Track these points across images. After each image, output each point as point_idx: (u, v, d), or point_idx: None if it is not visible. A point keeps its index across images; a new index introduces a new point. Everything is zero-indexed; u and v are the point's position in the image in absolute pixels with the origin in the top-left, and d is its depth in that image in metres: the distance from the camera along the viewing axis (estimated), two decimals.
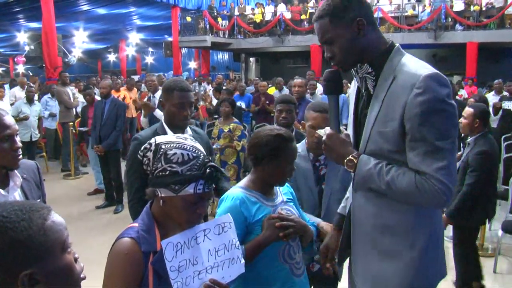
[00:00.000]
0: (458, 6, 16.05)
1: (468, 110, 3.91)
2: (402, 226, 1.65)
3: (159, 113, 5.60)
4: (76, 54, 22.73)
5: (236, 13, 19.27)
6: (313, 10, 18.08)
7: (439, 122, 1.50)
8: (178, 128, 2.56)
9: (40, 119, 8.34)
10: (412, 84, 1.52)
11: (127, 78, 20.04)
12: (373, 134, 1.63)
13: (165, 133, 2.57)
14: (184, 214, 1.39)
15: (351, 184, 1.81)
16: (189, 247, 1.46)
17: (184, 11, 18.92)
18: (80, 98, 8.80)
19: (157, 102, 6.09)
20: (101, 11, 18.48)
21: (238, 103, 7.71)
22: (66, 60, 14.06)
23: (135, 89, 9.77)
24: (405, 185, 1.53)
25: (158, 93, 6.26)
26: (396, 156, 1.59)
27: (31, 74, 24.22)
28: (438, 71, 1.55)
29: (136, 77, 18.32)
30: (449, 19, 15.97)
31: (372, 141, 1.64)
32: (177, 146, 1.39)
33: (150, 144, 1.42)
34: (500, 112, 8.32)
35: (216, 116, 10.36)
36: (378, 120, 1.61)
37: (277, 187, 2.01)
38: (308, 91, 8.29)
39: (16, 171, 1.92)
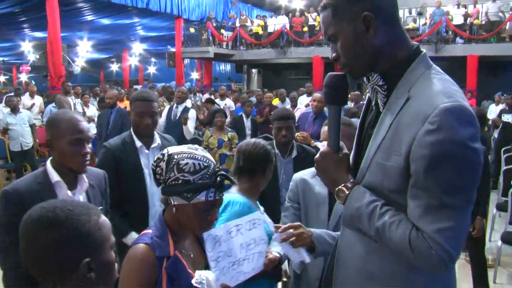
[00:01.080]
0: (458, 19, 16.23)
1: None
2: (393, 279, 1.33)
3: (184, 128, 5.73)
4: (79, 63, 22.93)
5: (238, 24, 19.46)
6: (314, 23, 18.27)
7: (452, 172, 1.17)
8: (143, 136, 2.75)
9: (32, 126, 8.04)
10: (425, 116, 1.19)
11: (129, 88, 20.29)
12: (373, 165, 1.33)
13: (133, 141, 2.74)
14: (196, 220, 1.46)
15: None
16: (225, 241, 1.65)
17: (188, 22, 19.14)
18: (79, 108, 8.91)
19: (178, 113, 6.16)
20: (105, 21, 18.73)
21: (240, 114, 7.82)
22: (70, 69, 14.20)
23: None
24: (397, 239, 1.24)
25: (182, 105, 6.31)
26: (396, 197, 1.29)
27: (33, 82, 24.44)
28: (463, 103, 1.19)
29: (138, 87, 18.50)
30: (450, 32, 16.13)
31: (370, 173, 1.34)
32: (189, 156, 1.46)
33: (163, 155, 1.49)
34: (500, 124, 8.45)
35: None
36: (381, 149, 1.31)
37: None
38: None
39: (84, 176, 2.02)
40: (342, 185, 1.37)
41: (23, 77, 28.16)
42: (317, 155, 1.43)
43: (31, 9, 15.24)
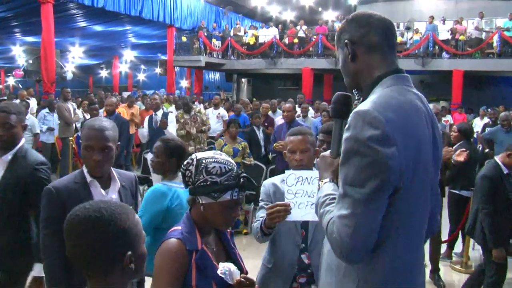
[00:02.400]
0: (444, 35, 16.68)
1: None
2: (338, 269, 1.51)
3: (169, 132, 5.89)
4: (69, 69, 22.92)
5: (231, 34, 19.69)
6: (303, 35, 18.58)
7: (354, 166, 1.35)
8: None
9: (35, 135, 7.96)
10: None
11: (119, 94, 20.31)
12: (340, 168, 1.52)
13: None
14: (222, 217, 1.66)
15: None
16: (310, 183, 2.09)
17: (180, 31, 19.31)
18: (79, 113, 9.00)
19: (158, 120, 6.37)
20: (98, 28, 18.79)
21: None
22: (64, 75, 14.25)
23: (135, 105, 9.99)
24: (324, 225, 1.45)
25: (160, 112, 6.52)
26: None
27: (21, 87, 24.32)
28: (372, 110, 1.36)
29: (127, 93, 18.54)
30: (436, 47, 16.57)
31: (340, 171, 1.51)
32: (216, 160, 1.66)
33: (192, 160, 1.69)
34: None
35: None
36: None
37: None
38: (301, 114, 8.65)
39: (117, 177, 2.22)
40: (321, 181, 1.62)
41: (11, 81, 27.99)
42: (319, 157, 1.71)
43: (24, 14, 15.27)
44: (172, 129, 6.27)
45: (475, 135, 9.34)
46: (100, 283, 1.19)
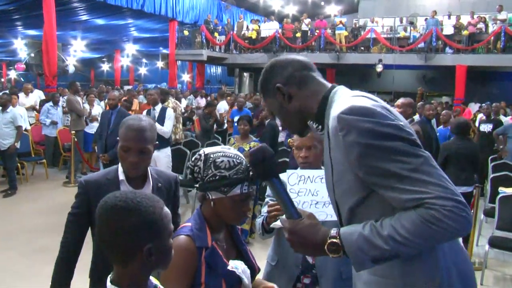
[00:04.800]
0: (448, 29, 16.60)
1: None
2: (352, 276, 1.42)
3: (158, 127, 5.86)
4: (71, 62, 22.90)
5: (235, 29, 19.63)
6: (307, 28, 18.53)
7: (385, 150, 1.23)
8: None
9: (18, 128, 7.37)
10: (335, 129, 1.30)
11: (120, 87, 20.30)
12: (339, 196, 1.42)
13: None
14: (233, 211, 1.63)
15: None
16: (313, 182, 2.06)
17: (181, 25, 19.25)
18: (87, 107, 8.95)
19: (157, 115, 6.35)
20: (100, 21, 18.76)
21: (236, 118, 7.93)
22: (66, 68, 14.23)
23: (135, 100, 9.97)
24: (412, 229, 1.19)
25: (159, 106, 6.49)
26: (367, 210, 1.35)
27: (23, 80, 24.33)
28: (354, 103, 1.29)
29: (129, 87, 18.56)
30: (440, 42, 16.50)
31: (341, 205, 1.42)
32: (223, 154, 1.63)
33: (200, 155, 1.66)
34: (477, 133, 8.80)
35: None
36: (335, 180, 1.41)
37: None
38: None
39: (151, 178, 2.17)
40: (329, 240, 1.31)
41: (12, 75, 28.00)
42: (286, 235, 1.40)
43: (26, 7, 15.23)
44: (168, 126, 6.19)
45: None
46: (120, 271, 1.22)
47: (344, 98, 1.36)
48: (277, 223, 1.61)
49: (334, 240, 1.30)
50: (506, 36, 15.25)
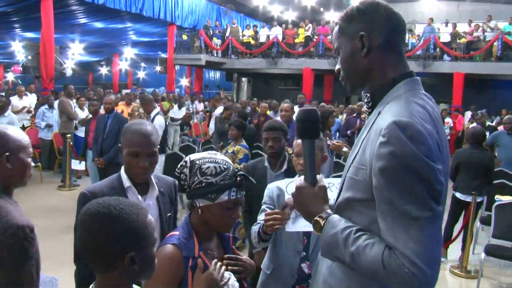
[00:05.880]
0: (445, 37, 16.64)
1: None
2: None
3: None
4: (69, 65, 22.88)
5: (228, 33, 19.62)
6: (309, 34, 18.55)
7: (411, 183, 1.18)
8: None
9: None
10: (380, 129, 1.23)
11: (118, 91, 20.27)
12: (347, 180, 1.38)
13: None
14: (221, 219, 1.59)
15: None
16: None
17: (180, 29, 19.24)
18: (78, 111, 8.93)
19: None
20: (98, 25, 18.73)
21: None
22: (63, 71, 14.19)
23: (134, 103, 9.94)
24: (371, 261, 1.21)
25: (153, 113, 6.46)
26: (366, 210, 1.31)
27: (20, 82, 24.26)
28: (413, 122, 1.21)
29: (126, 91, 18.48)
30: (437, 50, 16.53)
31: (345, 187, 1.40)
32: (210, 160, 1.59)
33: (186, 162, 1.62)
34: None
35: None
36: (354, 164, 1.35)
37: None
38: None
39: (155, 183, 2.13)
40: (317, 216, 1.37)
41: (10, 77, 27.96)
42: (294, 190, 1.46)
43: (24, 9, 15.19)
44: None
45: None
46: (102, 279, 1.20)
47: (408, 102, 1.28)
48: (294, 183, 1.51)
49: (320, 220, 1.36)
50: (503, 45, 15.30)
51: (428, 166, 1.17)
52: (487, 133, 8.18)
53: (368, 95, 1.42)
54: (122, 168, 2.12)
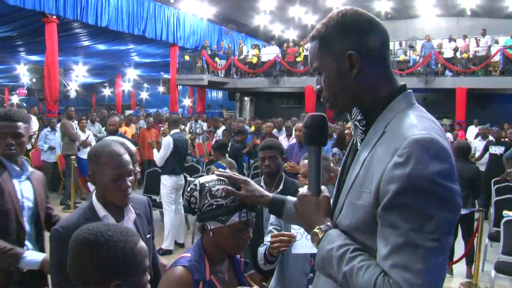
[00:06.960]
0: (448, 53, 16.74)
1: None
2: None
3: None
4: (72, 87, 23.07)
5: (236, 53, 19.79)
6: (307, 53, 18.64)
7: (421, 208, 1.06)
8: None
9: None
10: (395, 148, 1.11)
11: (121, 112, 20.38)
12: (346, 205, 1.26)
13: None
14: (233, 241, 1.56)
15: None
16: None
17: (182, 50, 19.42)
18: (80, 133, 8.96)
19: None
20: (101, 47, 18.93)
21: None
22: (67, 93, 14.31)
23: (133, 125, 9.96)
24: (362, 285, 1.11)
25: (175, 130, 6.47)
26: (365, 240, 1.19)
27: (24, 105, 24.45)
28: (436, 137, 1.10)
29: (129, 112, 18.60)
30: (439, 65, 16.61)
31: (343, 213, 1.27)
32: (219, 182, 1.58)
33: (195, 185, 1.60)
34: (487, 156, 8.66)
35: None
36: (354, 187, 1.23)
37: None
38: None
39: (130, 206, 2.02)
40: (317, 228, 1.28)
41: (15, 99, 28.19)
42: (296, 199, 1.38)
43: (28, 33, 15.40)
44: (160, 153, 6.00)
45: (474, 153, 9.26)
46: None
47: (419, 117, 1.17)
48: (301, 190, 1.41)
49: (319, 233, 1.27)
50: (505, 59, 15.35)
51: (447, 189, 1.06)
52: (503, 148, 8.19)
53: (360, 112, 1.29)
54: (93, 196, 1.97)
